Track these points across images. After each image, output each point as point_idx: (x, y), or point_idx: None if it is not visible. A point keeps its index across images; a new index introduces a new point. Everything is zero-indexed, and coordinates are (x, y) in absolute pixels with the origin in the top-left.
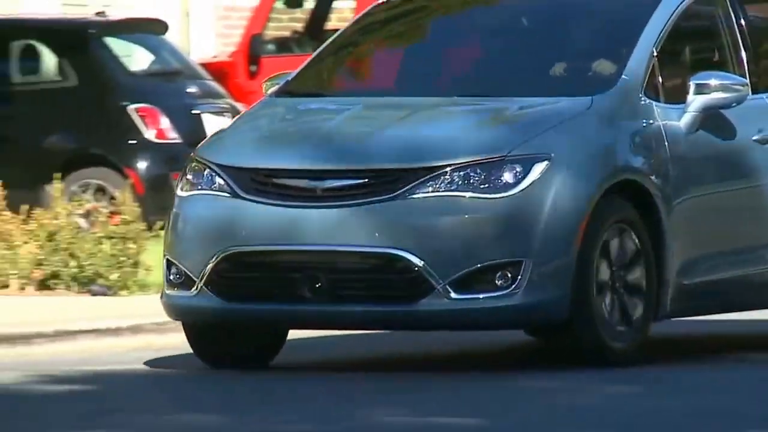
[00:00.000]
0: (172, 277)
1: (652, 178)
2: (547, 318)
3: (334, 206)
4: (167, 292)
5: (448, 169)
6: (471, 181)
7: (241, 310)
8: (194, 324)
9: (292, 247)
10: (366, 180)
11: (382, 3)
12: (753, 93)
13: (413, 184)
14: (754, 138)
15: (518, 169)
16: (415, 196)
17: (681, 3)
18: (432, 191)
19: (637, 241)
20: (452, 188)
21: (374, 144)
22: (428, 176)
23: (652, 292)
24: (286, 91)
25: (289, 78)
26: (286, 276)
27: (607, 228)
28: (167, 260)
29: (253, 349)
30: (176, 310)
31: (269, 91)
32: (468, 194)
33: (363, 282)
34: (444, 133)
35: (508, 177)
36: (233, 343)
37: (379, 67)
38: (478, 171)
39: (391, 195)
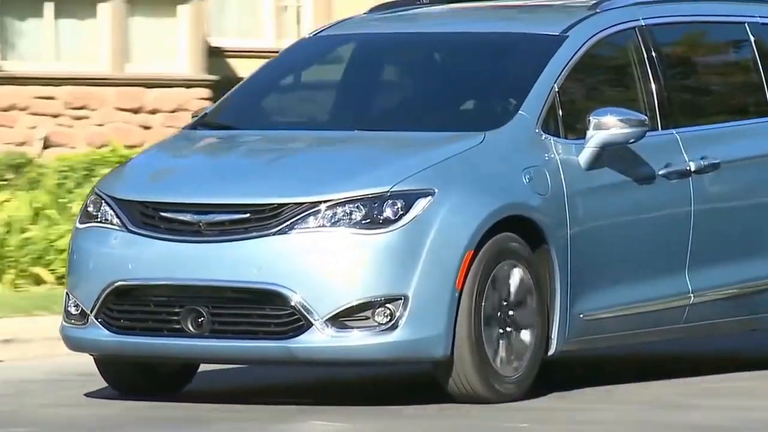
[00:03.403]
0: (70, 309)
1: (545, 213)
2: (428, 354)
3: (216, 241)
4: (63, 323)
5: (329, 204)
6: (352, 216)
7: (128, 344)
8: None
9: (175, 282)
10: (247, 215)
11: (305, 39)
12: (664, 127)
13: (294, 219)
14: (661, 173)
15: (399, 205)
16: (295, 231)
17: (589, 38)
18: (313, 226)
19: (528, 276)
20: (333, 223)
21: (257, 178)
22: (309, 211)
23: (542, 328)
24: (202, 124)
25: (209, 110)
26: (170, 310)
27: (495, 264)
28: (66, 292)
29: (162, 377)
30: (71, 342)
31: (187, 124)
32: (349, 230)
33: (243, 317)
34: (328, 167)
35: (389, 212)
36: (140, 371)
37: (289, 102)
38: (360, 206)
39: (272, 230)
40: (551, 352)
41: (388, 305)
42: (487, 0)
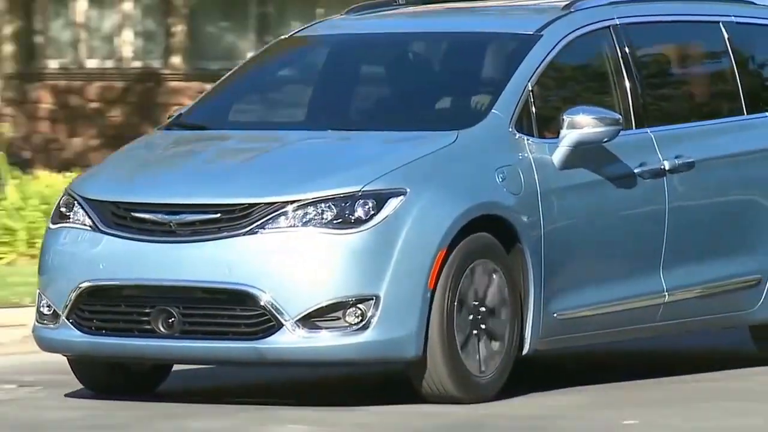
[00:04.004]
0: (42, 309)
1: (519, 212)
2: (399, 355)
3: (187, 241)
4: (36, 324)
5: (300, 203)
6: (323, 216)
7: (99, 344)
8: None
9: (145, 282)
10: (218, 215)
11: (282, 39)
12: (638, 126)
13: (264, 219)
14: (635, 172)
15: (371, 205)
16: (265, 231)
17: (563, 38)
18: (284, 226)
19: (501, 276)
20: (304, 223)
21: (228, 178)
22: (280, 211)
23: (515, 328)
24: (177, 124)
25: (183, 110)
26: (141, 310)
27: (468, 263)
28: (38, 293)
29: (136, 376)
30: (43, 343)
31: (162, 124)
32: (320, 230)
33: (213, 318)
34: (300, 167)
35: (360, 212)
36: (113, 371)
37: (264, 102)
38: (331, 206)
39: (242, 230)
40: (525, 351)
41: (359, 305)
42: (463, 0)
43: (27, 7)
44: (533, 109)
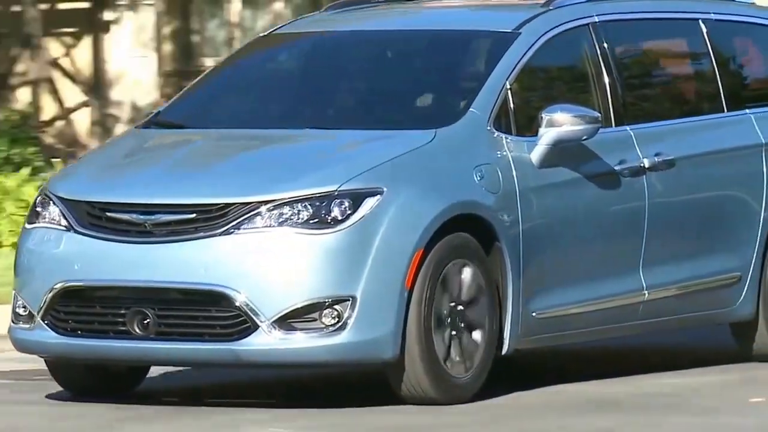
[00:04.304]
0: (18, 310)
1: (497, 211)
2: (376, 356)
3: (162, 241)
4: (12, 324)
5: (276, 203)
6: (299, 216)
7: (75, 346)
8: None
9: (121, 283)
10: (194, 215)
11: (259, 37)
12: (618, 124)
13: (240, 219)
14: (615, 169)
15: (347, 204)
16: (241, 231)
17: (541, 35)
18: (260, 226)
19: (479, 275)
20: (280, 223)
21: (204, 178)
22: (256, 211)
23: (494, 328)
24: (154, 122)
25: (161, 108)
26: (116, 311)
27: (446, 263)
28: (14, 293)
29: (113, 377)
30: (18, 344)
31: (139, 122)
32: (296, 230)
33: (189, 319)
34: (276, 166)
35: (336, 212)
36: (90, 372)
37: (242, 100)
38: (307, 206)
39: (218, 230)
40: (504, 351)
41: (335, 306)
42: None
43: (185, 8)
44: (512, 108)
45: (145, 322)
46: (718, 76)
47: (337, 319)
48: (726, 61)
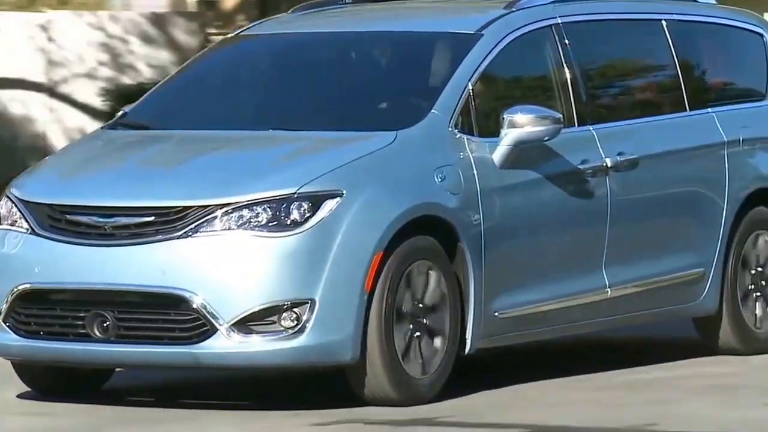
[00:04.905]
0: None
1: (459, 212)
2: (336, 359)
3: (121, 244)
4: None
5: (235, 206)
6: (258, 218)
7: (36, 348)
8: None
9: (80, 285)
10: (153, 218)
11: (227, 38)
12: (581, 124)
13: (199, 221)
14: (578, 169)
15: (306, 207)
16: (200, 234)
17: (504, 37)
18: (218, 229)
19: (441, 276)
20: (239, 226)
21: (164, 180)
22: (214, 214)
23: (456, 328)
24: (120, 123)
25: (128, 109)
26: (76, 314)
27: (407, 265)
28: None
29: (79, 377)
30: None
31: (106, 123)
32: (255, 232)
33: (148, 322)
34: (237, 168)
35: (296, 215)
36: (56, 372)
37: (208, 101)
38: (266, 208)
39: (177, 233)
40: (467, 351)
41: (294, 309)
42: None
43: None
44: (474, 109)
45: (105, 324)
46: (680, 76)
47: (296, 322)
48: (688, 61)
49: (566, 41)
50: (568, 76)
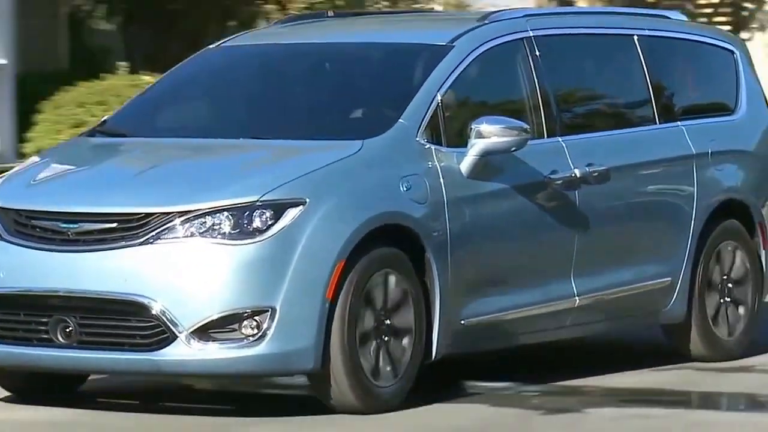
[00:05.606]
0: None
1: (424, 221)
2: (297, 367)
3: (84, 250)
4: None
5: (197, 213)
6: (221, 226)
7: (1, 353)
8: None
9: (44, 291)
10: (115, 224)
11: (208, 49)
12: (550, 135)
13: (161, 228)
14: (546, 180)
15: (268, 215)
16: (162, 241)
17: (475, 48)
18: (180, 236)
19: (405, 285)
20: (201, 233)
21: (127, 187)
22: (177, 221)
23: (420, 336)
24: (99, 131)
25: (107, 117)
26: (39, 320)
27: (371, 273)
28: None
29: (55, 378)
30: None
31: (84, 130)
32: (217, 240)
33: (110, 328)
34: (200, 176)
35: (258, 223)
36: (30, 374)
37: (184, 110)
38: (229, 216)
39: (139, 240)
40: (433, 358)
41: (255, 317)
42: (389, 13)
43: None
44: (443, 119)
45: (68, 330)
46: (650, 90)
47: (256, 330)
48: (659, 76)
49: (538, 54)
50: (538, 88)
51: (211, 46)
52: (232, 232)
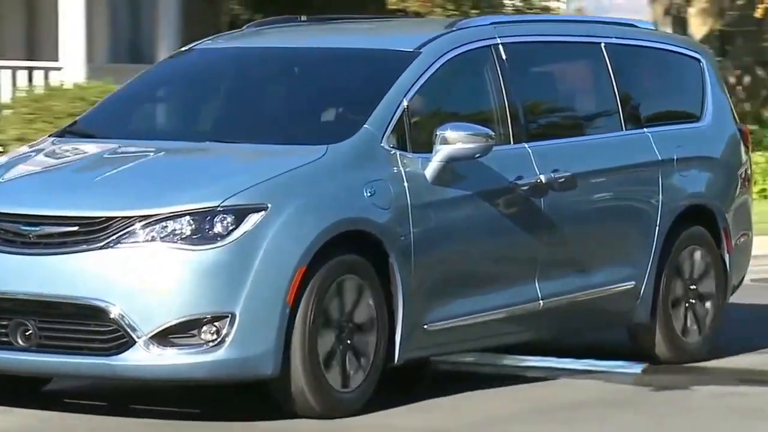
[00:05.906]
0: None
1: (387, 227)
2: (256, 372)
3: (45, 253)
4: None
5: (158, 218)
6: (182, 231)
7: None
8: None
9: (4, 294)
10: (76, 228)
11: (181, 51)
12: (516, 141)
13: (122, 233)
14: (512, 185)
15: (229, 220)
16: (122, 245)
17: (442, 55)
18: (141, 241)
19: (367, 290)
20: (162, 238)
21: (89, 190)
22: (137, 225)
23: (383, 342)
24: (69, 132)
25: (78, 118)
26: None
27: (332, 279)
28: None
29: (16, 380)
30: None
31: (55, 131)
32: (177, 245)
33: (69, 332)
34: (162, 180)
35: (219, 228)
36: None
37: (154, 112)
38: (190, 221)
39: (99, 244)
40: (395, 362)
41: (214, 323)
42: (362, 20)
43: None
44: (408, 125)
45: (27, 333)
46: (617, 97)
47: (216, 336)
48: (626, 83)
49: (504, 61)
50: (504, 94)
51: (183, 48)
52: (193, 237)
